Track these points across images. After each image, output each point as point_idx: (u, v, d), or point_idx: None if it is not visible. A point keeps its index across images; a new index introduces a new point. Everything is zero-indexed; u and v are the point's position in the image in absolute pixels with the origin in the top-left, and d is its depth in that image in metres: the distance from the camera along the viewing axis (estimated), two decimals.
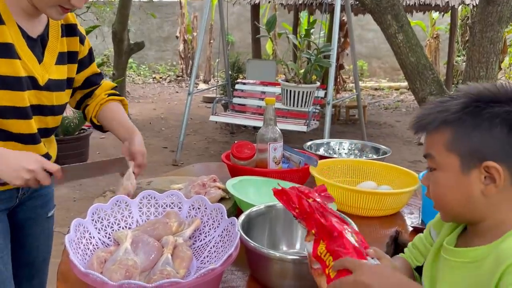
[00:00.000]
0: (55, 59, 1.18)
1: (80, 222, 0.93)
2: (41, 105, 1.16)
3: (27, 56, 1.11)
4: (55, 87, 1.18)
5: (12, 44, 1.07)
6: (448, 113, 0.71)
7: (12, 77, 1.08)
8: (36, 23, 1.15)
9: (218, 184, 1.27)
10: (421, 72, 2.51)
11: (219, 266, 0.78)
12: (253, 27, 7.24)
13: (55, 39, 1.19)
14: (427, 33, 10.62)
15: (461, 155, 0.71)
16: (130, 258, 0.85)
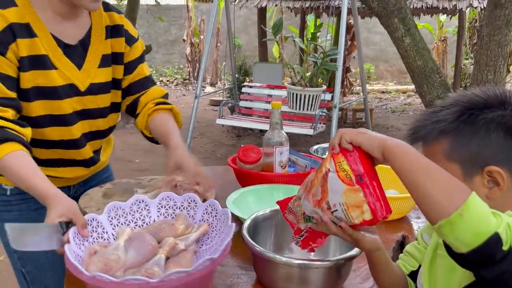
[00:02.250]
0: (98, 62, 1.19)
1: (94, 217, 0.95)
2: (87, 110, 1.19)
3: (64, 65, 1.12)
4: (99, 90, 1.19)
5: (45, 55, 1.09)
6: (445, 123, 0.72)
7: (48, 87, 1.10)
8: (76, 29, 1.15)
9: (196, 187, 1.18)
10: (428, 76, 2.50)
11: (192, 270, 0.77)
12: (259, 30, 7.26)
13: (98, 42, 1.19)
14: (434, 36, 10.57)
15: (462, 163, 0.71)
16: (114, 253, 0.85)
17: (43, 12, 1.09)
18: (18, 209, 1.23)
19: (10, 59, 1.05)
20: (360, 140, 0.73)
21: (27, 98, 1.10)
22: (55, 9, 1.10)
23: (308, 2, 5.85)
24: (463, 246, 0.59)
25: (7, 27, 1.04)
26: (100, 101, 1.21)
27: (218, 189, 1.33)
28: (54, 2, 1.10)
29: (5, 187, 1.22)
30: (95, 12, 1.18)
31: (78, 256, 0.86)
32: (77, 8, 1.13)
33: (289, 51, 9.86)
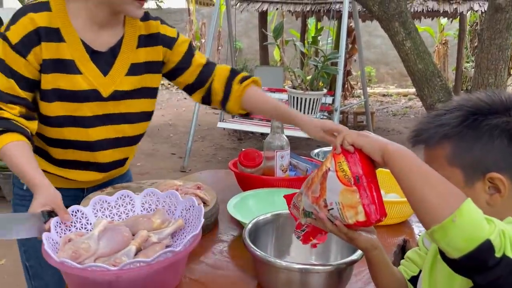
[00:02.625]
0: (126, 70, 1.20)
1: (78, 208, 1.01)
2: (109, 114, 1.20)
3: (89, 70, 1.15)
4: (123, 97, 1.21)
5: (71, 60, 1.12)
6: (448, 127, 0.71)
7: (69, 91, 1.13)
8: (108, 36, 1.17)
9: (197, 192, 1.22)
10: (429, 79, 2.50)
11: (152, 260, 0.81)
12: (260, 34, 7.28)
13: (128, 50, 1.20)
14: (435, 39, 10.58)
15: (464, 168, 0.71)
16: (85, 242, 0.90)
17: (76, 19, 1.12)
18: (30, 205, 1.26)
19: (30, 61, 1.08)
20: (361, 143, 0.74)
21: (46, 99, 1.13)
22: (92, 18, 1.13)
23: (309, 6, 5.86)
24: (455, 252, 0.59)
25: (33, 31, 1.07)
26: (123, 107, 1.22)
27: (219, 193, 1.34)
28: (92, 11, 1.12)
29: (23, 182, 1.24)
30: (131, 21, 1.20)
31: (56, 244, 0.91)
32: (116, 16, 1.16)
33: (290, 54, 9.88)
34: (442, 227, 0.59)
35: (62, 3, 1.11)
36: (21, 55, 1.07)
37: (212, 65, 1.34)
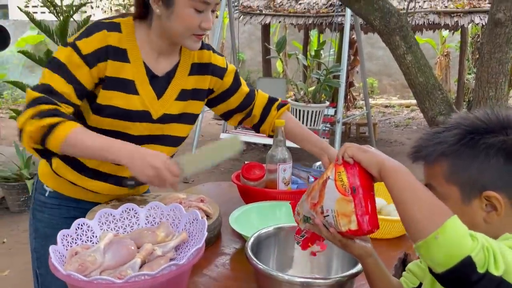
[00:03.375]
0: (176, 95, 1.27)
1: (84, 221, 1.02)
2: (152, 135, 1.25)
3: (146, 92, 1.21)
4: (169, 120, 1.27)
5: (132, 81, 1.18)
6: (446, 145, 0.73)
7: (124, 110, 1.18)
8: (166, 62, 1.25)
9: (200, 205, 1.24)
10: (430, 92, 2.52)
11: (156, 273, 0.82)
12: (263, 46, 7.34)
13: (181, 76, 1.27)
14: (437, 50, 10.63)
15: (461, 186, 0.72)
16: (91, 255, 0.91)
17: (142, 43, 1.19)
18: (50, 213, 1.31)
19: (92, 74, 1.14)
20: (360, 157, 0.77)
21: (99, 113, 1.19)
22: (153, 46, 1.21)
23: (311, 18, 5.93)
24: (438, 267, 0.62)
25: (104, 47, 1.14)
26: (166, 129, 1.27)
27: (222, 205, 1.36)
28: (153, 40, 1.20)
29: (46, 188, 1.31)
30: (186, 50, 1.27)
31: (63, 257, 0.93)
32: (174, 46, 1.23)
33: (292, 66, 9.93)
34: (425, 242, 0.62)
35: (131, 27, 1.19)
36: (88, 66, 1.13)
37: (253, 92, 1.44)
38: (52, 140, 1.05)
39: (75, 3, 4.15)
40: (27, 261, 1.43)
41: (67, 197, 1.30)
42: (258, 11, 6.20)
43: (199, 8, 1.12)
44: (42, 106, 1.07)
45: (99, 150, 1.08)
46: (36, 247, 1.33)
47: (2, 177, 3.90)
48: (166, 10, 1.13)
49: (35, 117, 1.05)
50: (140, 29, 1.20)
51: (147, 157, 1.06)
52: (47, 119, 1.05)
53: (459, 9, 5.67)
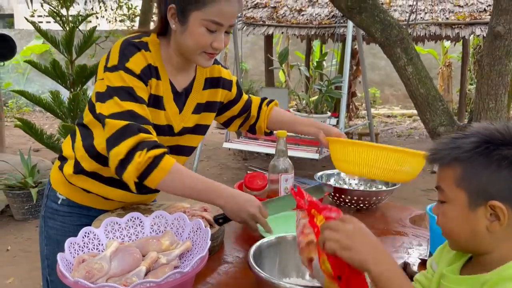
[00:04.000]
0: (193, 109, 1.32)
1: (91, 230, 1.04)
2: (178, 146, 1.31)
3: (170, 108, 1.25)
4: (186, 132, 1.33)
5: (162, 97, 1.22)
6: (460, 151, 0.75)
7: (153, 124, 1.20)
8: (183, 78, 1.29)
9: (203, 214, 1.26)
10: (431, 103, 2.55)
11: (161, 281, 0.84)
12: (266, 57, 7.40)
13: (196, 91, 1.33)
14: (439, 61, 10.68)
15: (469, 192, 0.74)
16: (98, 262, 0.93)
17: (166, 61, 1.24)
18: (62, 220, 1.33)
19: (147, 90, 1.18)
20: (343, 256, 0.70)
21: None
22: (173, 62, 1.25)
23: (314, 29, 5.99)
24: None
25: (147, 65, 1.18)
26: (187, 141, 1.34)
27: None
28: (172, 56, 1.24)
29: (59, 196, 1.33)
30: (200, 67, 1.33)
31: (70, 264, 0.95)
32: (190, 63, 1.27)
33: (295, 75, 9.99)
34: None
35: (157, 46, 1.22)
36: (144, 83, 1.16)
37: (249, 97, 1.54)
38: (155, 173, 1.10)
39: (81, 13, 4.22)
40: (31, 269, 1.44)
41: (78, 204, 1.33)
42: (261, 22, 6.27)
43: (211, 28, 1.15)
44: (142, 135, 1.10)
45: (204, 192, 1.15)
46: (48, 254, 1.35)
47: (6, 185, 3.94)
48: (181, 26, 1.16)
49: (140, 148, 1.09)
50: (163, 46, 1.23)
51: (245, 204, 1.14)
52: (152, 151, 1.09)
53: (460, 21, 5.72)
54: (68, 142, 1.34)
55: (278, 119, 1.53)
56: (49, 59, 4.53)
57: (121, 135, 1.10)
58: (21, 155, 4.14)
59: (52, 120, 9.55)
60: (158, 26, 1.23)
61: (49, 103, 3.79)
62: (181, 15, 1.15)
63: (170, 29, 1.21)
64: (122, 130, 1.10)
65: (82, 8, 5.94)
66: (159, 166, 1.09)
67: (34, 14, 8.32)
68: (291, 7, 6.46)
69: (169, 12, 1.17)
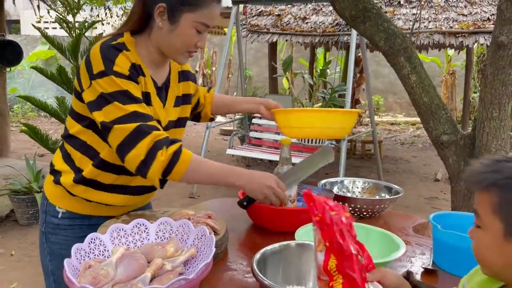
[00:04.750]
0: (173, 102, 1.36)
1: (97, 236, 1.06)
2: None
3: (156, 103, 1.28)
4: (173, 126, 1.36)
5: (149, 93, 1.25)
6: (501, 176, 0.71)
7: None
8: (161, 73, 1.32)
9: (208, 221, 1.27)
10: (434, 112, 2.55)
11: (165, 287, 0.84)
12: (270, 64, 7.43)
13: (174, 85, 1.37)
14: (443, 69, 10.69)
15: (506, 221, 0.70)
16: (104, 269, 0.94)
17: (143, 58, 1.25)
18: (64, 234, 1.33)
19: (140, 88, 1.20)
20: None
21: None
22: (151, 58, 1.27)
23: (318, 37, 6.01)
24: None
25: (132, 64, 1.19)
26: (172, 135, 1.33)
27: (228, 221, 1.39)
28: (151, 52, 1.26)
29: (58, 210, 1.33)
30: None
31: (76, 270, 0.96)
32: (166, 59, 1.31)
33: (298, 83, 10.01)
34: None
35: (133, 44, 1.23)
36: (135, 82, 1.18)
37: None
38: (178, 167, 1.14)
39: (87, 19, 4.26)
40: (35, 274, 1.45)
41: (80, 215, 1.34)
42: (266, 30, 6.30)
43: (200, 29, 1.21)
44: (156, 133, 1.13)
45: (224, 176, 1.20)
46: (53, 270, 1.35)
47: (11, 190, 3.96)
48: (170, 25, 1.19)
49: (159, 146, 1.12)
50: (140, 43, 1.24)
51: (262, 179, 1.20)
52: (171, 147, 1.13)
53: (464, 30, 5.73)
54: (59, 156, 1.33)
55: (220, 103, 1.60)
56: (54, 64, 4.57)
57: (135, 137, 1.12)
58: (26, 160, 4.16)
59: (57, 125, 9.60)
60: (136, 24, 1.23)
61: (54, 108, 3.82)
62: (171, 14, 1.18)
63: (150, 26, 1.22)
64: (134, 132, 1.12)
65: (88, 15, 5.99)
66: (180, 159, 1.14)
67: (41, 20, 8.40)
68: (295, 15, 6.50)
69: (157, 10, 1.18)
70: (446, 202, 4.86)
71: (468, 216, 1.35)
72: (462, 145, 2.50)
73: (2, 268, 3.15)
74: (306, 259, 1.09)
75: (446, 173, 5.48)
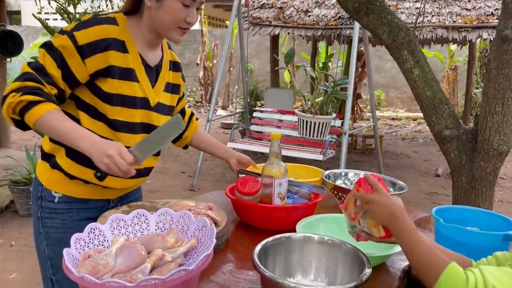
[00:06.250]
0: (164, 86, 1.40)
1: (96, 226, 1.05)
2: (150, 124, 1.36)
3: (144, 80, 1.32)
4: (162, 110, 1.39)
5: (133, 69, 1.28)
6: None
7: (130, 97, 1.28)
8: (154, 55, 1.37)
9: (208, 212, 1.27)
10: (437, 106, 2.54)
11: (166, 277, 0.84)
12: (272, 57, 7.40)
13: (165, 70, 1.41)
14: (445, 64, 10.64)
15: None
16: (104, 259, 0.93)
17: (135, 37, 1.30)
18: (61, 218, 1.34)
19: (86, 64, 1.21)
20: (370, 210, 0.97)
21: (109, 102, 1.26)
22: (143, 37, 1.31)
23: (320, 30, 5.98)
24: None
25: (103, 39, 1.22)
26: (162, 120, 1.38)
27: (229, 213, 1.38)
28: (144, 31, 1.31)
29: (55, 195, 1.33)
30: (164, 48, 1.42)
31: (76, 259, 0.96)
32: (160, 40, 1.35)
33: (300, 76, 9.99)
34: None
35: (124, 21, 1.28)
36: (81, 56, 1.20)
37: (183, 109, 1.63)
38: (28, 116, 1.14)
39: (88, 10, 4.23)
40: (35, 264, 1.44)
41: (76, 199, 1.34)
42: (268, 23, 6.27)
43: (186, 3, 1.24)
44: (28, 83, 1.16)
45: (64, 134, 1.16)
46: (50, 254, 1.35)
47: (11, 181, 3.96)
48: (156, 3, 1.24)
49: (19, 90, 1.15)
50: (132, 22, 1.29)
51: (103, 145, 1.13)
52: (29, 96, 1.14)
53: (468, 24, 5.69)
54: (46, 137, 1.34)
55: (201, 136, 1.67)
56: None
57: (17, 78, 1.18)
58: (26, 151, 4.16)
59: None
60: (129, 6, 1.30)
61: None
62: None
63: (142, 7, 1.29)
64: (21, 75, 1.18)
65: (89, 6, 5.96)
66: (32, 110, 1.14)
67: (42, 11, 8.35)
68: (297, 8, 6.46)
69: None
70: (447, 198, 4.86)
71: (470, 210, 1.35)
72: (464, 140, 2.49)
73: (2, 259, 3.16)
74: (307, 251, 1.09)
75: (446, 169, 5.47)
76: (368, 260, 0.99)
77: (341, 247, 1.07)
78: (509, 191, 5.40)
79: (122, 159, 1.12)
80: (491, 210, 1.39)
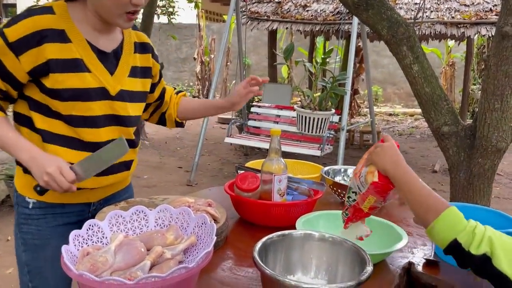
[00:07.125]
0: (128, 72, 1.30)
1: (95, 222, 1.03)
2: (117, 115, 1.27)
3: (97, 69, 1.22)
4: (129, 98, 1.29)
5: (80, 59, 1.18)
6: None
7: (81, 89, 1.18)
8: (110, 40, 1.27)
9: (208, 209, 1.25)
10: (436, 103, 2.53)
11: (166, 275, 0.84)
12: (270, 52, 7.37)
13: (128, 54, 1.31)
14: (442, 60, 10.65)
15: None
16: (103, 256, 0.92)
17: (80, 23, 1.20)
18: (37, 224, 1.28)
19: (21, 61, 1.13)
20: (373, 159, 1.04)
21: (59, 98, 1.17)
22: (91, 24, 1.21)
23: (318, 26, 5.95)
24: (440, 246, 0.86)
25: (34, 32, 1.13)
26: (131, 109, 1.30)
27: (227, 209, 1.37)
28: (90, 17, 1.20)
29: (28, 200, 1.28)
30: (125, 29, 1.32)
31: (74, 257, 0.94)
32: (110, 25, 1.24)
33: (298, 72, 9.97)
34: (428, 231, 0.88)
35: (64, 8, 1.18)
36: (14, 54, 1.12)
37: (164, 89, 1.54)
38: None
39: None
40: None
41: (51, 204, 1.28)
42: (266, 17, 6.24)
43: None
44: None
45: (4, 144, 1.13)
46: (27, 260, 1.29)
47: (7, 175, 3.94)
48: None
49: None
50: (74, 9, 1.19)
51: (44, 161, 1.10)
52: None
53: (466, 20, 5.68)
54: None
55: (189, 106, 1.56)
56: None
57: None
58: None
59: None
60: None
61: None
62: None
63: None
64: None
65: None
66: None
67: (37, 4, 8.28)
68: (296, 3, 6.43)
69: None
70: (444, 194, 4.87)
71: (469, 207, 1.35)
72: (463, 136, 2.49)
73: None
74: (307, 249, 1.08)
75: (443, 165, 5.48)
76: (369, 258, 0.99)
77: (342, 245, 1.06)
78: (506, 187, 5.42)
79: (62, 176, 1.09)
80: (488, 207, 1.39)
